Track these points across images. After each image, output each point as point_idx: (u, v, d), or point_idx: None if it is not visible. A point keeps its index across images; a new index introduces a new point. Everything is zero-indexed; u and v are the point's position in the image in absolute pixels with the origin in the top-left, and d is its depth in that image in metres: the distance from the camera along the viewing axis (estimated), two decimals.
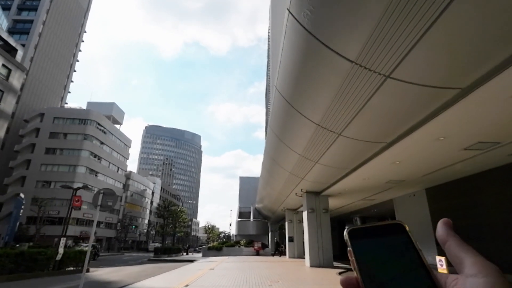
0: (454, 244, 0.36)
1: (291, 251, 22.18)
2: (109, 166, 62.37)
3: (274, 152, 12.20)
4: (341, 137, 7.71)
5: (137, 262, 24.47)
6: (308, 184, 13.66)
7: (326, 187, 13.77)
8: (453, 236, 0.37)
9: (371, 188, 13.08)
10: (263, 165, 16.53)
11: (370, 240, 0.39)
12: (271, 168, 14.80)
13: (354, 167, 9.89)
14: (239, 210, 42.36)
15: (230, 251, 28.53)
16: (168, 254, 30.10)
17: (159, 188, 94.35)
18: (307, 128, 7.89)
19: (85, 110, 59.40)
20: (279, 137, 10.17)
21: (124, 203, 67.24)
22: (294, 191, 15.59)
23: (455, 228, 0.35)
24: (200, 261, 20.99)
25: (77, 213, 51.98)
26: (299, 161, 10.77)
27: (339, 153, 8.86)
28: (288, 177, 13.59)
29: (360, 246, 0.39)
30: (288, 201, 19.76)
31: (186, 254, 39.68)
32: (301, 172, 12.00)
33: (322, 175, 11.72)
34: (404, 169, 9.52)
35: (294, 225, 22.48)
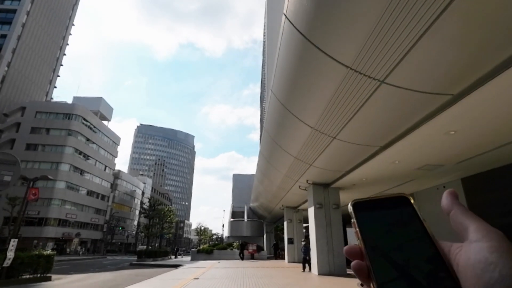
0: (458, 212, 0.36)
1: (290, 254, 19.53)
2: (95, 164, 59.11)
3: (276, 128, 9.63)
4: (380, 89, 5.22)
5: (116, 267, 21.59)
6: (316, 173, 11.10)
7: (338, 176, 11.21)
8: (457, 205, 0.37)
9: (395, 177, 10.56)
10: (261, 151, 13.91)
11: (374, 212, 0.39)
12: (271, 153, 12.20)
13: (387, 142, 7.34)
14: (232, 209, 39.53)
15: (221, 254, 25.74)
16: (153, 258, 27.18)
17: (149, 188, 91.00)
18: (332, 72, 5.41)
19: (70, 104, 56.08)
20: (285, 105, 7.61)
21: (111, 203, 63.86)
22: (298, 182, 12.99)
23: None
24: (186, 267, 18.22)
25: (60, 213, 48.71)
26: (310, 138, 8.22)
27: (369, 120, 6.36)
28: (292, 164, 11.01)
29: (364, 218, 0.39)
30: (289, 197, 17.16)
31: (175, 257, 36.79)
32: (310, 155, 9.43)
33: (338, 158, 9.17)
34: (460, 142, 7.00)
35: (294, 225, 19.87)
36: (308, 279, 11.00)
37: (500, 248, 0.30)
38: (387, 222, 0.38)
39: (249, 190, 40.10)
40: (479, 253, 0.31)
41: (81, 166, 54.43)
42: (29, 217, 45.63)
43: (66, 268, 20.89)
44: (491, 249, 0.30)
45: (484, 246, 0.31)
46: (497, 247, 0.30)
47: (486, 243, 0.31)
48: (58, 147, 51.54)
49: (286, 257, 19.97)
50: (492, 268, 0.29)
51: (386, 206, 0.39)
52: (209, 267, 16.77)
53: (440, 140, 6.90)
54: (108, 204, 63.19)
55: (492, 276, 0.29)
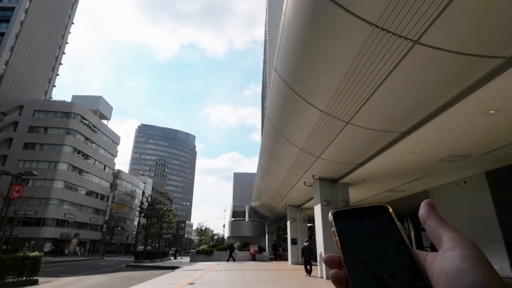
0: (434, 222, 0.37)
1: (294, 255, 18.48)
2: (94, 164, 58.25)
3: (281, 116, 8.60)
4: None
5: (111, 269, 20.60)
6: (323, 167, 10.07)
7: (348, 170, 10.17)
8: (434, 215, 0.38)
9: (412, 170, 9.51)
10: (263, 145, 12.88)
11: (354, 221, 0.39)
12: (274, 146, 11.17)
13: (410, 127, 6.30)
14: (233, 209, 38.38)
15: (221, 255, 24.69)
16: (151, 259, 26.16)
17: (150, 188, 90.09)
18: (353, 33, 4.38)
19: (68, 102, 55.23)
20: (291, 85, 6.60)
21: (111, 203, 62.96)
22: (303, 178, 11.96)
23: None
24: (183, 269, 17.20)
25: (58, 213, 47.84)
26: (319, 125, 7.20)
27: (393, 97, 5.34)
28: (297, 157, 9.98)
29: (344, 227, 0.39)
30: (292, 195, 16.13)
31: (175, 258, 35.81)
32: (318, 145, 8.40)
33: (350, 148, 8.13)
34: (498, 126, 5.94)
35: (297, 225, 18.83)
36: (316, 284, 9.97)
37: (471, 256, 0.31)
38: (366, 231, 0.38)
39: (250, 189, 39.03)
40: (452, 262, 0.31)
41: (80, 166, 53.60)
42: (27, 217, 44.74)
43: (59, 270, 19.94)
44: (463, 257, 0.31)
45: (456, 255, 0.32)
46: (469, 255, 0.31)
47: (458, 251, 0.32)
48: (56, 146, 50.76)
49: (290, 258, 18.93)
50: (463, 275, 0.30)
51: (365, 215, 0.40)
52: (208, 270, 15.75)
53: (475, 123, 5.86)
54: (107, 204, 62.32)
55: (464, 283, 0.29)
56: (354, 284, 0.34)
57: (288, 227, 19.13)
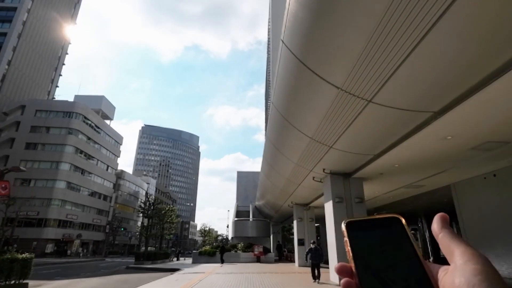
0: (446, 236, 0.37)
1: (301, 257, 17.34)
2: (97, 164, 57.70)
3: (288, 99, 7.56)
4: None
5: (110, 271, 19.72)
6: (336, 159, 9.02)
7: (364, 162, 9.09)
8: (446, 229, 0.38)
9: (438, 161, 8.40)
10: (267, 137, 11.83)
11: (366, 232, 0.40)
12: (280, 137, 10.13)
13: (447, 104, 5.23)
14: (237, 208, 37.26)
15: (225, 256, 23.66)
16: (152, 261, 25.25)
17: (153, 189, 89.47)
18: None
19: (70, 102, 54.74)
20: (301, 59, 5.56)
21: (114, 204, 62.33)
22: (312, 173, 10.91)
23: None
24: (183, 271, 16.21)
25: (60, 214, 47.26)
26: (334, 107, 6.17)
27: (430, 63, 4.28)
28: (306, 147, 8.94)
29: (356, 237, 0.40)
30: (299, 192, 15.07)
31: (177, 259, 34.90)
32: (331, 133, 7.36)
33: (370, 134, 7.07)
34: None
35: (305, 224, 17.74)
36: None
37: (483, 271, 0.31)
38: (378, 242, 0.38)
39: (254, 188, 37.97)
40: (463, 276, 0.31)
41: (82, 166, 53.08)
42: (28, 218, 44.23)
43: (56, 272, 19.13)
44: (475, 272, 0.31)
45: (468, 269, 0.32)
46: (481, 270, 0.31)
47: (470, 266, 0.32)
48: (58, 146, 50.33)
49: (296, 260, 17.84)
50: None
51: (379, 226, 0.40)
52: (209, 273, 14.74)
53: None
54: (110, 204, 61.72)
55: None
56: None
57: (295, 227, 18.05)
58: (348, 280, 0.38)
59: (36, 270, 20.83)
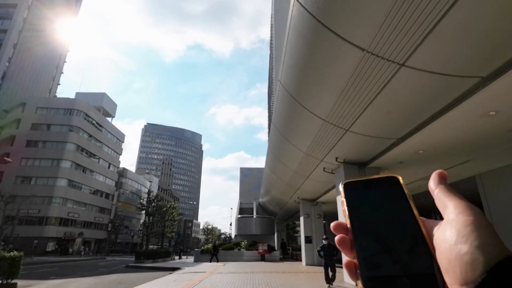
0: (442, 191, 0.37)
1: (308, 255, 16.39)
2: (98, 162, 57.09)
3: (300, 76, 6.56)
4: None
5: (108, 270, 18.88)
6: (352, 145, 8.01)
7: (384, 149, 8.05)
8: (442, 185, 0.38)
9: (469, 146, 7.34)
10: (274, 124, 10.80)
11: (364, 192, 0.40)
12: (288, 121, 9.13)
13: (501, 65, 4.20)
14: (240, 206, 36.20)
15: (227, 255, 22.72)
16: (153, 259, 24.41)
17: (156, 187, 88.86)
18: None
19: (71, 99, 54.09)
20: (320, 18, 4.56)
21: (116, 202, 61.71)
22: (323, 163, 9.89)
23: None
24: (183, 271, 15.31)
25: (61, 212, 46.66)
26: (356, 76, 5.18)
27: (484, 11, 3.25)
28: (318, 133, 7.94)
29: (354, 197, 0.40)
30: (307, 186, 14.07)
31: (179, 258, 34.11)
32: (349, 111, 6.35)
33: (396, 112, 6.05)
34: None
35: (312, 221, 16.75)
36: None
37: (474, 222, 0.31)
38: (375, 201, 0.39)
39: (257, 184, 37.02)
40: (454, 227, 0.32)
41: (84, 163, 52.46)
42: (29, 216, 43.70)
43: (52, 272, 18.32)
44: (466, 223, 0.31)
45: (459, 221, 0.32)
46: (472, 221, 0.31)
47: (461, 217, 0.32)
48: (59, 143, 49.77)
49: (304, 258, 16.86)
50: (464, 240, 0.30)
51: (376, 186, 0.40)
52: (211, 272, 13.80)
53: None
54: (112, 202, 61.11)
55: (463, 247, 0.29)
56: (358, 248, 0.35)
57: (302, 223, 17.06)
58: (342, 236, 0.38)
59: (32, 269, 20.11)
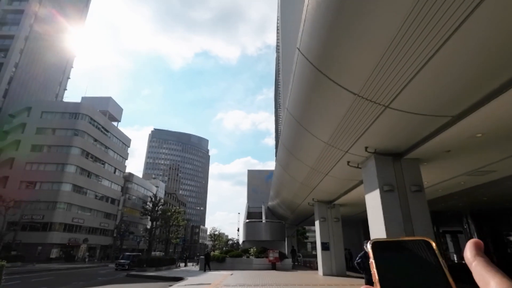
0: (480, 265, 0.35)
1: (326, 264, 14.65)
2: (104, 166, 56.25)
3: (330, 31, 5.06)
4: None
5: (106, 280, 17.46)
6: (389, 128, 6.44)
7: (429, 133, 6.45)
8: (480, 257, 0.36)
9: None
10: (289, 111, 9.23)
11: (394, 254, 0.38)
12: (307, 104, 7.58)
13: None
14: (248, 210, 34.35)
15: (235, 262, 21.08)
16: (156, 267, 22.91)
17: (163, 192, 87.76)
18: None
19: (76, 103, 53.55)
20: None
21: (122, 208, 60.64)
22: (348, 156, 8.31)
23: None
24: (185, 282, 13.75)
25: (66, 218, 45.67)
26: (410, 24, 3.61)
27: None
28: (346, 113, 6.39)
29: (383, 258, 0.37)
30: (324, 186, 12.45)
31: (185, 265, 32.54)
32: (396, 77, 4.80)
33: (461, 75, 4.47)
34: None
35: (329, 225, 15.06)
36: None
37: None
38: (406, 265, 0.36)
39: (266, 187, 35.29)
40: None
41: (89, 168, 51.66)
42: (33, 222, 42.80)
43: (45, 281, 16.96)
44: None
45: None
46: None
47: None
48: (64, 147, 49.08)
49: (320, 268, 15.14)
50: None
51: (407, 249, 0.38)
52: (217, 284, 12.21)
53: None
54: (118, 208, 60.06)
55: None
56: None
57: (317, 228, 15.37)
58: None
59: (27, 278, 18.80)
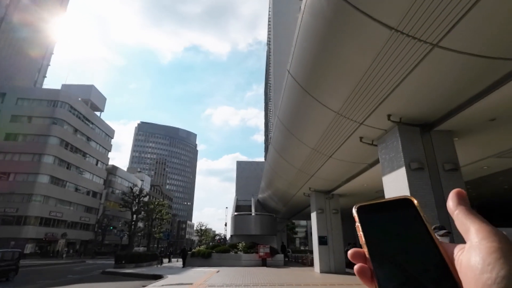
0: (462, 213, 0.36)
1: (323, 260, 13.19)
2: (85, 158, 53.38)
3: None
4: None
5: (77, 278, 15.54)
6: (428, 80, 4.90)
7: (484, 88, 4.96)
8: (462, 205, 0.37)
9: None
10: (291, 77, 7.54)
11: (378, 216, 0.39)
12: (317, 61, 5.97)
13: None
14: (237, 203, 32.56)
15: (222, 258, 19.44)
16: (136, 263, 21.05)
17: (148, 186, 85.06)
18: None
19: (55, 90, 50.38)
20: None
21: (104, 201, 57.95)
22: (362, 130, 6.76)
23: None
24: (163, 282, 12.04)
25: (42, 211, 42.90)
26: None
27: None
28: (371, 65, 4.82)
29: (368, 221, 0.39)
30: (324, 172, 10.91)
31: (169, 261, 30.71)
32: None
33: None
34: None
35: (327, 217, 13.60)
36: None
37: (499, 249, 0.30)
38: (391, 226, 0.38)
39: (256, 179, 33.73)
40: (478, 254, 0.31)
41: (68, 159, 48.83)
42: (6, 215, 39.97)
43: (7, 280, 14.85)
44: (490, 250, 0.30)
45: (483, 247, 0.31)
46: (497, 248, 0.30)
47: (486, 244, 0.31)
48: (41, 137, 46.07)
49: (317, 264, 13.67)
50: (490, 268, 0.29)
51: (390, 209, 0.39)
52: (199, 284, 10.54)
53: None
54: (100, 202, 57.37)
55: (490, 276, 0.28)
56: (379, 278, 0.34)
57: (314, 221, 13.87)
58: (361, 265, 0.37)
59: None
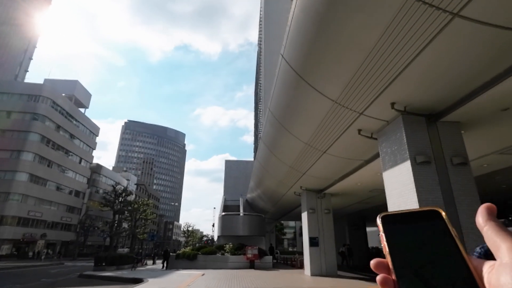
0: (492, 229, 0.34)
1: (315, 262, 12.59)
2: (68, 156, 51.43)
3: None
4: None
5: (50, 282, 14.46)
6: (438, 68, 4.33)
7: (494, 76, 4.43)
8: (492, 221, 0.35)
9: None
10: (284, 57, 6.92)
11: (404, 226, 0.38)
12: (318, 32, 5.33)
13: None
14: (224, 203, 31.72)
15: (208, 260, 18.60)
16: (117, 265, 20.00)
17: (134, 186, 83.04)
18: None
19: (37, 84, 48.33)
20: None
21: (87, 201, 55.96)
22: (361, 120, 6.18)
23: None
24: (144, 285, 11.19)
25: (20, 211, 40.89)
26: None
27: None
28: (377, 44, 4.23)
29: (393, 231, 0.37)
30: (317, 170, 10.32)
31: (153, 263, 29.62)
32: None
33: None
34: None
35: (318, 218, 13.03)
36: None
37: None
38: (417, 237, 0.36)
39: (244, 179, 33.05)
40: (509, 273, 0.29)
41: (50, 157, 46.87)
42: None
43: None
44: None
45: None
46: None
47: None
48: (21, 133, 44.03)
49: (308, 267, 13.05)
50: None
51: (417, 220, 0.38)
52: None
53: None
54: (83, 201, 55.38)
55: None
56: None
57: (305, 221, 13.28)
58: (385, 276, 0.35)
59: None
